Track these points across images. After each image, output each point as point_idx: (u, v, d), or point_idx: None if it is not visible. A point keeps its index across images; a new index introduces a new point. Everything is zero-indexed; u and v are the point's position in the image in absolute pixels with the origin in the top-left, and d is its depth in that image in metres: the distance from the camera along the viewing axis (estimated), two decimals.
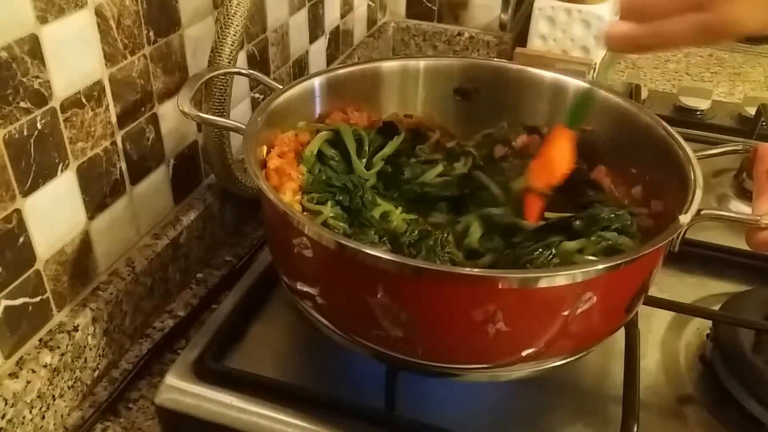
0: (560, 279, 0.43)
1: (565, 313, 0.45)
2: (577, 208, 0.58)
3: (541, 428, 0.54)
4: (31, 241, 0.52)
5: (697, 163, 0.52)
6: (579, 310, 0.45)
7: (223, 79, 0.62)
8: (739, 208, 0.78)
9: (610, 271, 0.44)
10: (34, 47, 0.48)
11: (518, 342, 0.46)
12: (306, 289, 0.50)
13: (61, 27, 0.50)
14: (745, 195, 0.79)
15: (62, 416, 0.56)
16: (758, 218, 0.46)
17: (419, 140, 0.68)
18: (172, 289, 0.68)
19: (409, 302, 0.45)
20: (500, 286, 0.43)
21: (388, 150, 0.64)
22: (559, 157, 0.56)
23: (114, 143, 0.58)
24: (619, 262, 0.44)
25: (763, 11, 0.41)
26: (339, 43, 1.01)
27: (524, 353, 0.47)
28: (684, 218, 0.47)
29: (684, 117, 0.97)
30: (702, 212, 0.48)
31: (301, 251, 0.47)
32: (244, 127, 0.54)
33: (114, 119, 0.58)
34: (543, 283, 0.43)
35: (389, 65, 0.68)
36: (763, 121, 0.91)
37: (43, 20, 0.49)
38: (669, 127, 0.57)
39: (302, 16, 0.88)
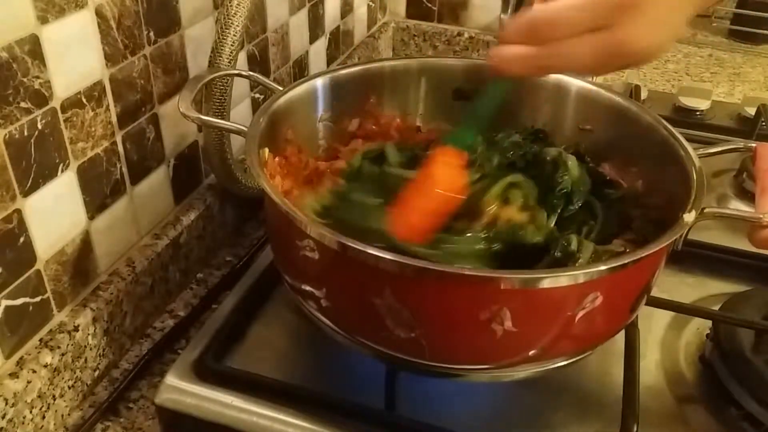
0: (564, 279, 0.43)
1: (572, 313, 0.45)
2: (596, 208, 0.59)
3: (541, 428, 0.54)
4: (32, 241, 0.51)
5: (699, 162, 0.52)
6: (585, 311, 0.45)
7: (224, 80, 0.62)
8: (739, 208, 0.77)
9: (616, 271, 0.44)
10: (34, 47, 0.48)
11: (524, 343, 0.46)
12: (309, 290, 0.50)
13: (61, 27, 0.50)
14: (745, 195, 0.79)
15: (63, 416, 0.56)
16: (761, 216, 0.47)
17: None
18: (172, 289, 0.68)
19: (412, 303, 0.44)
20: (503, 287, 0.43)
21: None
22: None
23: (114, 143, 0.58)
24: (624, 261, 0.44)
25: (663, 31, 0.40)
26: (339, 43, 1.01)
27: (529, 354, 0.47)
28: (688, 217, 0.47)
29: (684, 117, 0.96)
30: (705, 210, 0.48)
31: (304, 252, 0.47)
32: (245, 129, 0.54)
33: (114, 119, 0.58)
34: (546, 284, 0.43)
35: (389, 65, 0.68)
36: (762, 121, 0.91)
37: (43, 20, 0.48)
38: (670, 127, 0.57)
39: (302, 16, 0.88)
